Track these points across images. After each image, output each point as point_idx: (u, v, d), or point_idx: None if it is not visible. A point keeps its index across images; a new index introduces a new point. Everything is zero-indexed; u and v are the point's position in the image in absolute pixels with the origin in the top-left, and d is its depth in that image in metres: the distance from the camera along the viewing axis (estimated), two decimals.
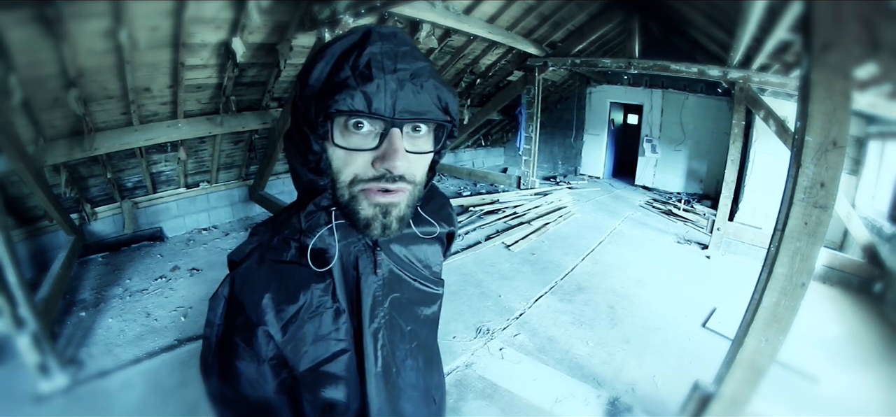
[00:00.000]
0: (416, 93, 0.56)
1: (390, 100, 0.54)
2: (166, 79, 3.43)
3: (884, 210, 4.25)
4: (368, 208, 0.59)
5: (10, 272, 2.23)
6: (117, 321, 3.11)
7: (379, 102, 0.54)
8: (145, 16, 2.77)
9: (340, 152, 0.57)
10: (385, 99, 0.54)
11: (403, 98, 0.55)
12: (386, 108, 0.54)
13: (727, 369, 1.84)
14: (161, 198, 4.64)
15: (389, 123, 0.55)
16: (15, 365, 2.46)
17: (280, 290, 0.61)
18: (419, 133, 0.60)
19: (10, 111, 2.72)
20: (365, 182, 0.58)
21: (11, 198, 3.38)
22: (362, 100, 0.53)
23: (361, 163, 0.57)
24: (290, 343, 0.60)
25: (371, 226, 0.60)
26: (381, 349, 0.66)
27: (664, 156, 7.71)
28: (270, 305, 0.61)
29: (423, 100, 0.56)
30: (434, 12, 4.05)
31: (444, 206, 0.83)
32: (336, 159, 0.58)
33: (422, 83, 0.56)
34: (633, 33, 5.43)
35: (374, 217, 0.59)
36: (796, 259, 1.61)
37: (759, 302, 1.71)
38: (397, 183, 0.58)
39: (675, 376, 2.71)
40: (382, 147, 0.56)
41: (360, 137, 0.57)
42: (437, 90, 0.58)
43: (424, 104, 0.57)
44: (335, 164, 0.59)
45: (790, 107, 4.48)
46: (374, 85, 0.53)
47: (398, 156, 0.55)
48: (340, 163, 0.58)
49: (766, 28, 3.10)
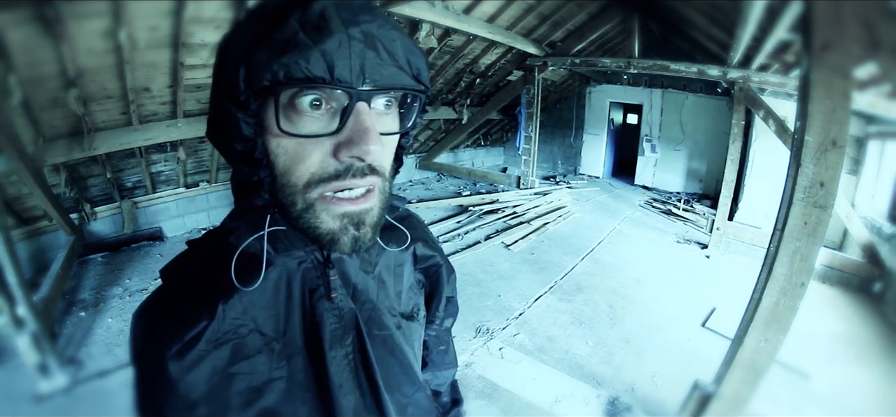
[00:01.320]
0: (380, 53, 0.41)
1: (358, 63, 0.39)
2: (166, 78, 3.42)
3: (883, 210, 4.26)
4: (332, 220, 0.44)
5: (10, 272, 2.23)
6: (117, 321, 3.11)
7: (343, 66, 0.38)
8: (145, 16, 2.77)
9: (289, 143, 0.42)
10: (351, 61, 0.39)
11: (370, 62, 0.40)
12: (353, 75, 0.39)
13: (727, 368, 1.84)
14: (160, 198, 4.63)
15: (356, 95, 0.40)
16: (15, 365, 2.46)
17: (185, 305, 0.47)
18: (388, 109, 0.45)
19: (10, 111, 2.72)
20: (325, 182, 0.42)
21: (11, 198, 3.37)
22: (320, 62, 0.38)
23: (319, 156, 0.42)
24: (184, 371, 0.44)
25: (338, 242, 0.45)
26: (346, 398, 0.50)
27: (664, 155, 7.71)
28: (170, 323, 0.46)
29: (392, 65, 0.42)
30: (434, 12, 4.05)
31: (418, 226, 0.66)
32: (282, 153, 0.42)
33: (389, 40, 0.42)
34: (632, 33, 5.43)
35: (342, 229, 0.44)
36: (796, 258, 1.62)
37: (758, 301, 1.71)
38: (367, 176, 0.43)
39: (675, 376, 2.71)
40: (347, 128, 0.41)
41: (314, 120, 0.41)
42: (406, 49, 0.43)
43: (394, 70, 0.42)
44: (281, 160, 0.43)
45: (790, 107, 4.48)
46: (335, 41, 0.38)
47: (371, 138, 0.41)
48: (289, 159, 0.42)
49: (765, 28, 3.10)
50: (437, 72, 5.69)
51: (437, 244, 0.68)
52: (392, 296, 0.59)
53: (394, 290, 0.59)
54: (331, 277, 0.51)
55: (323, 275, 0.50)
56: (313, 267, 0.50)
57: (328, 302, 0.50)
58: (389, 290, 0.59)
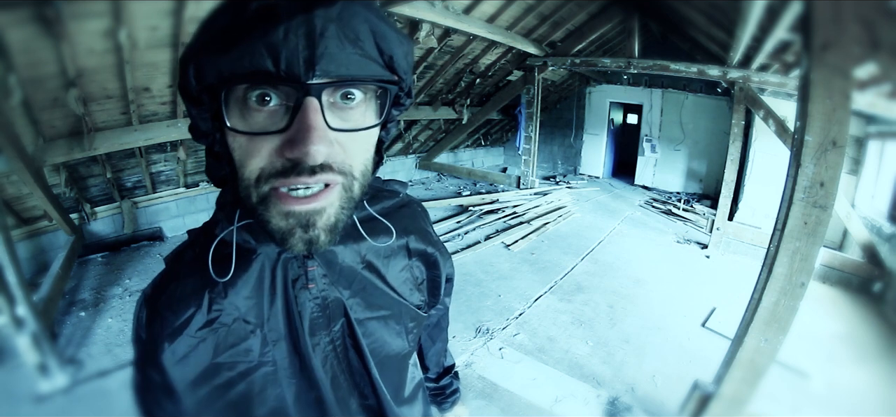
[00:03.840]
0: (342, 40, 0.38)
1: (306, 54, 0.36)
2: (166, 78, 3.42)
3: (883, 210, 4.26)
4: (280, 219, 0.42)
5: (10, 272, 2.23)
6: (117, 321, 3.11)
7: (289, 59, 0.36)
8: (145, 16, 2.77)
9: (240, 138, 0.41)
10: (298, 52, 0.36)
11: (326, 49, 0.37)
12: (300, 68, 0.36)
13: (727, 368, 1.84)
14: (160, 198, 4.63)
15: (303, 90, 0.38)
16: (15, 365, 2.46)
17: (175, 294, 0.48)
18: (352, 102, 0.42)
19: (10, 111, 2.72)
20: (274, 178, 0.41)
21: (11, 198, 3.37)
22: (264, 55, 0.36)
23: (267, 151, 0.40)
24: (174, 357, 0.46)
25: (288, 242, 0.43)
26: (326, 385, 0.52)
27: (664, 155, 7.71)
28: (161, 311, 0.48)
29: (356, 52, 0.39)
30: (434, 12, 4.05)
31: (417, 217, 0.66)
32: (237, 147, 0.42)
33: (352, 25, 0.38)
34: (632, 33, 5.43)
35: (290, 230, 0.42)
36: (796, 258, 1.62)
37: (758, 301, 1.71)
38: (318, 175, 0.40)
39: (675, 375, 2.71)
40: (293, 125, 0.38)
41: (266, 115, 0.40)
42: (377, 34, 0.40)
43: (357, 57, 0.39)
44: (236, 154, 0.42)
45: (790, 107, 4.49)
46: (281, 30, 0.36)
47: (312, 137, 0.38)
48: (242, 153, 0.41)
49: (765, 28, 3.10)
50: (437, 72, 5.69)
51: (431, 236, 0.67)
52: (384, 284, 0.59)
53: (388, 278, 0.59)
54: (309, 268, 0.51)
55: (302, 265, 0.51)
56: (294, 257, 0.51)
57: (307, 292, 0.51)
58: (383, 278, 0.59)
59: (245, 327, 0.49)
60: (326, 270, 0.53)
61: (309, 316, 0.51)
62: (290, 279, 0.51)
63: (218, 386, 0.48)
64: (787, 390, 2.63)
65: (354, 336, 0.54)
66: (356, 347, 0.55)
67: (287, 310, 0.51)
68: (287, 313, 0.51)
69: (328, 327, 0.53)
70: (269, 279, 0.50)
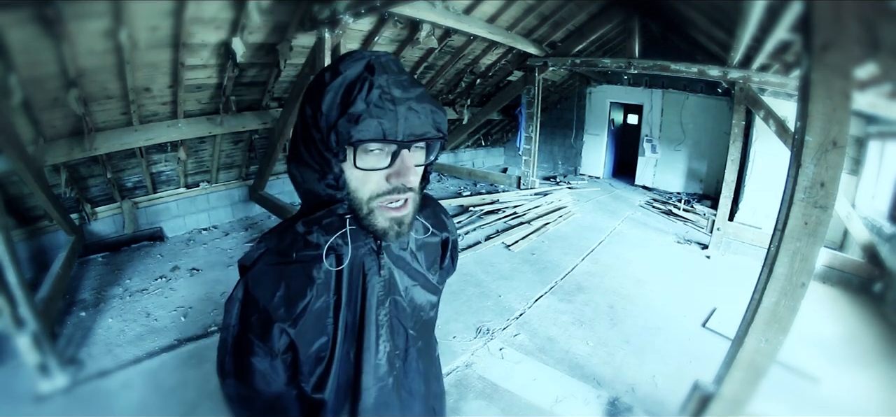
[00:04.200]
0: (417, 117, 0.65)
1: (401, 127, 0.63)
2: (166, 79, 3.43)
3: (884, 210, 4.25)
4: (384, 221, 0.69)
5: (10, 272, 2.22)
6: (117, 321, 3.11)
7: (391, 130, 0.63)
8: (145, 16, 2.77)
9: (358, 172, 0.66)
10: (397, 126, 0.63)
11: (409, 123, 0.64)
12: (398, 134, 0.64)
13: (727, 369, 1.83)
14: (161, 198, 4.63)
15: (401, 145, 0.65)
16: (15, 365, 2.46)
17: (290, 288, 0.70)
18: (419, 150, 0.70)
19: (10, 111, 2.72)
20: (380, 197, 0.68)
21: (11, 198, 3.37)
22: (379, 129, 0.62)
23: (376, 180, 0.67)
24: (300, 335, 0.70)
25: (388, 235, 0.70)
26: (382, 344, 0.77)
27: (664, 156, 7.71)
28: (282, 302, 0.70)
29: (424, 123, 0.66)
30: (434, 12, 4.05)
31: (439, 213, 0.92)
32: (354, 179, 0.67)
33: (421, 108, 0.66)
34: (633, 33, 5.42)
35: (390, 227, 0.70)
36: (796, 259, 1.61)
37: (759, 302, 1.71)
38: (405, 193, 0.68)
39: (675, 376, 2.71)
40: (395, 165, 0.66)
41: (374, 158, 0.66)
42: (433, 113, 0.67)
43: (424, 126, 0.66)
44: (353, 183, 0.68)
45: (790, 107, 4.48)
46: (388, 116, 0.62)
47: (411, 173, 0.66)
48: (358, 183, 0.67)
49: (766, 28, 3.10)
50: (438, 72, 5.69)
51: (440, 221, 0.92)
52: (422, 266, 0.86)
53: (423, 262, 0.86)
54: (382, 260, 0.77)
55: (376, 259, 0.76)
56: (369, 253, 0.76)
57: (378, 277, 0.76)
58: (420, 262, 0.86)
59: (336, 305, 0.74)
60: (389, 257, 0.79)
61: (377, 294, 0.76)
62: (366, 268, 0.75)
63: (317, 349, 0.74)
64: (787, 390, 2.62)
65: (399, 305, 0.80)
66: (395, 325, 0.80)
67: (362, 290, 0.75)
68: (362, 292, 0.75)
69: (384, 302, 0.78)
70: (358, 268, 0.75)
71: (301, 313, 0.70)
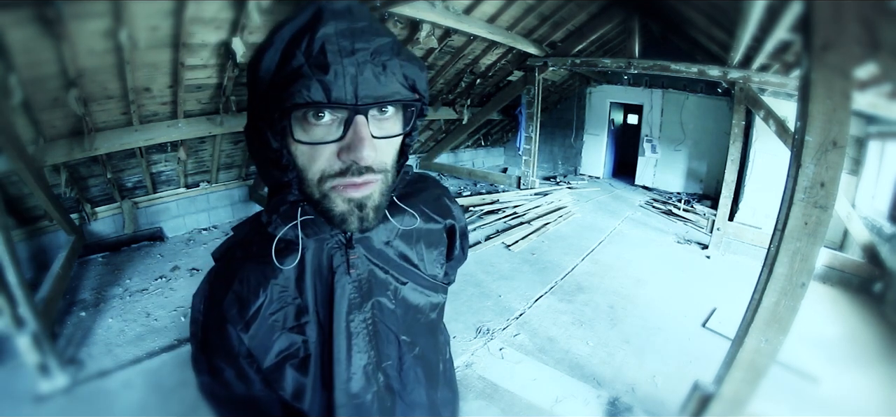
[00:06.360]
0: (378, 74, 0.51)
1: (351, 86, 0.49)
2: (166, 79, 3.43)
3: (884, 210, 4.25)
4: (342, 204, 0.56)
5: (10, 272, 2.23)
6: (117, 321, 3.11)
7: (339, 90, 0.48)
8: (145, 16, 2.77)
9: (304, 148, 0.53)
10: (345, 85, 0.49)
11: (365, 81, 0.50)
12: (347, 95, 0.49)
13: (727, 369, 1.83)
14: (161, 198, 4.63)
15: (353, 110, 0.50)
16: (15, 365, 2.46)
17: (244, 287, 0.60)
18: (385, 115, 0.55)
19: (10, 111, 2.72)
20: (333, 177, 0.54)
21: (11, 198, 3.37)
22: (320, 89, 0.48)
23: (327, 156, 0.53)
24: (254, 339, 0.59)
25: (347, 222, 0.56)
26: (357, 355, 0.63)
27: (664, 156, 7.70)
28: (234, 302, 0.59)
29: (388, 81, 0.51)
30: (434, 12, 4.05)
31: (440, 197, 0.77)
32: (300, 155, 0.54)
33: (384, 62, 0.51)
34: (633, 33, 5.42)
35: (349, 212, 0.56)
36: (796, 259, 1.61)
37: (759, 302, 1.71)
38: (365, 174, 0.54)
39: (675, 376, 2.71)
40: (347, 136, 0.51)
41: (323, 128, 0.52)
42: (403, 67, 0.53)
43: (389, 85, 0.52)
44: (300, 161, 0.55)
45: (790, 107, 4.48)
46: (332, 72, 0.48)
47: (365, 146, 0.51)
48: (305, 159, 0.54)
49: (766, 28, 3.10)
50: (438, 72, 5.69)
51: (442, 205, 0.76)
52: (418, 259, 0.71)
53: (420, 256, 0.71)
54: (351, 256, 0.62)
55: (344, 254, 0.62)
56: (338, 247, 0.62)
57: (347, 276, 0.62)
58: (415, 256, 0.70)
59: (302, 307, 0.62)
60: (366, 252, 0.64)
61: (347, 298, 0.62)
62: (334, 266, 0.62)
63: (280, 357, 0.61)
64: (788, 391, 2.62)
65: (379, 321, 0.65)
66: (381, 332, 0.66)
67: (328, 293, 0.62)
68: (328, 295, 0.62)
69: (361, 307, 0.63)
70: (326, 265, 0.62)
71: (254, 316, 0.59)
